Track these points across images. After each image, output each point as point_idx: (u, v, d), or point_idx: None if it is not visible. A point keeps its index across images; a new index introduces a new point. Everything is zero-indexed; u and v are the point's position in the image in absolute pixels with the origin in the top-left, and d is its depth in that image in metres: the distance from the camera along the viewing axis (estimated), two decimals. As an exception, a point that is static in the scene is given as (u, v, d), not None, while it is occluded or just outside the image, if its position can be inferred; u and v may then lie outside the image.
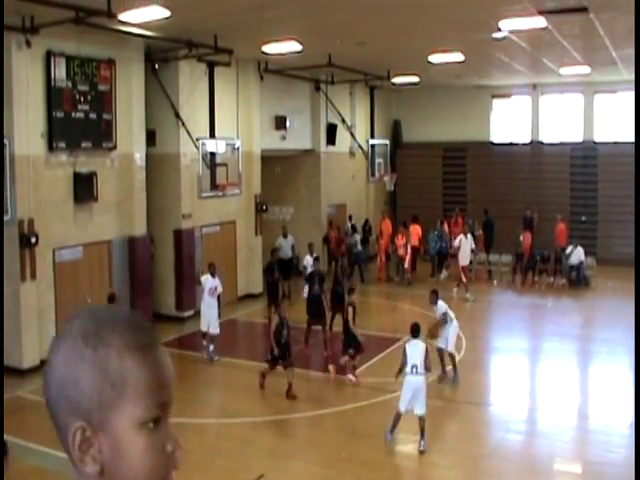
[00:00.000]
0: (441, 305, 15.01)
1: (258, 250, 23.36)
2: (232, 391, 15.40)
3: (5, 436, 8.64)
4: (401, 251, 25.51)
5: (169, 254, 20.26)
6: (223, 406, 14.48)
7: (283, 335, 13.99)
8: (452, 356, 14.96)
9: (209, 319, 16.54)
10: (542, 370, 16.99)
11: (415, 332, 12.49)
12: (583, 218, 28.42)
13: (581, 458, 11.86)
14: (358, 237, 26.37)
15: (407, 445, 12.62)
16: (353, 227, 27.07)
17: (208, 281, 16.73)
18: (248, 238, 22.94)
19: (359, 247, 25.96)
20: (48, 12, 13.92)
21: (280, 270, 20.93)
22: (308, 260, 20.96)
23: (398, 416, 11.69)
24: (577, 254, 24.31)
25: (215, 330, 16.55)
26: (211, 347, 16.52)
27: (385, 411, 13.53)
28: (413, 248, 26.31)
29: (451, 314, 14.97)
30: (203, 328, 16.68)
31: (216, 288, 16.67)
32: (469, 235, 23.68)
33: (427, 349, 12.21)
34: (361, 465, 11.17)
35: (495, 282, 25.41)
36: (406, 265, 25.15)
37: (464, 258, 23.44)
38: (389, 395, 14.07)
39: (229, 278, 19.38)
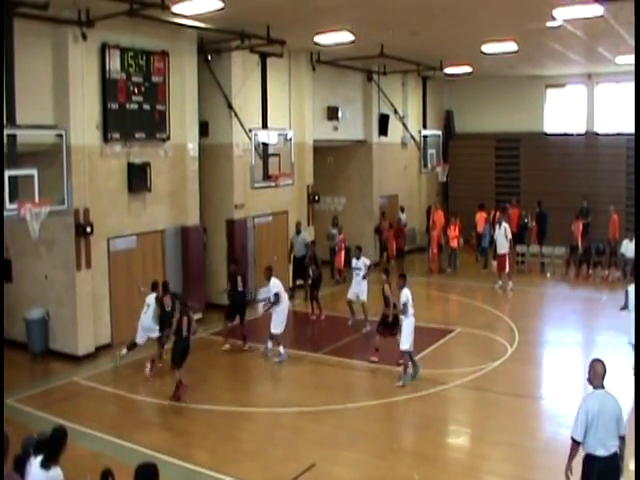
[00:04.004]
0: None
1: (310, 240, 23.30)
2: (283, 381, 15.46)
3: (61, 421, 8.82)
4: (454, 242, 25.40)
5: (222, 244, 20.43)
6: (274, 396, 14.54)
7: None
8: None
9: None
10: (596, 364, 16.69)
11: None
12: (639, 211, 27.89)
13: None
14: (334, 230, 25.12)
15: (459, 437, 12.57)
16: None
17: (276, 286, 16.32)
18: (300, 228, 22.92)
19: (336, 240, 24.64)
20: (103, 5, 14.11)
21: (294, 269, 21.38)
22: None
23: None
24: (632, 247, 23.87)
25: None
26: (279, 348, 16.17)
27: (436, 403, 13.49)
28: (478, 235, 26.47)
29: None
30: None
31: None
32: (503, 224, 23.18)
33: None
34: (412, 456, 11.14)
35: (548, 274, 25.10)
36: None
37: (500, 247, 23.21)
38: (441, 387, 14.03)
39: (280, 268, 19.42)
